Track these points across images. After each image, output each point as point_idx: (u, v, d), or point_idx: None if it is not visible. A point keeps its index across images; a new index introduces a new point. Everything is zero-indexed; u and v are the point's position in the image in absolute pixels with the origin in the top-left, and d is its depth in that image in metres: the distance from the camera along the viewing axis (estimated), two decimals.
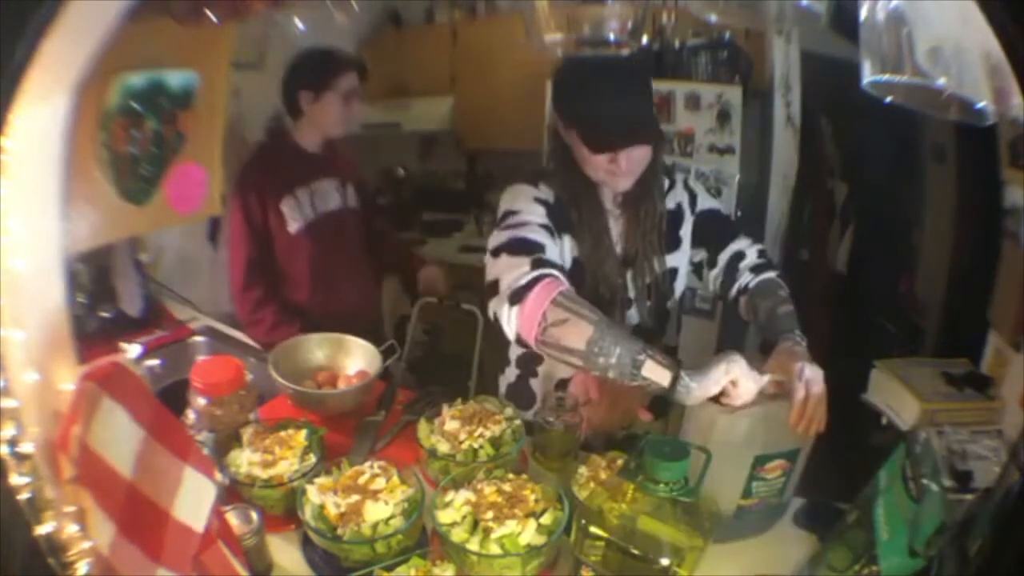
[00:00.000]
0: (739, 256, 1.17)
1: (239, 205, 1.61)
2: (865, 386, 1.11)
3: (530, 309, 0.92)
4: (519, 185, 1.15)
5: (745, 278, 1.15)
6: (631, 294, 1.18)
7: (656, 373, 0.87)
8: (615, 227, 1.18)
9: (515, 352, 1.29)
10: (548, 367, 1.24)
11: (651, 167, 1.11)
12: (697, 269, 1.24)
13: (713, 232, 1.21)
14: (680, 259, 1.21)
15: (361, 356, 1.35)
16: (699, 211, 1.21)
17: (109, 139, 1.12)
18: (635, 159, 1.05)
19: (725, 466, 0.88)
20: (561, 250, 1.11)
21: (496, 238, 1.06)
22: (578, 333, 0.89)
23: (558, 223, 1.10)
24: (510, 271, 0.97)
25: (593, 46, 0.94)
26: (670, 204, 1.20)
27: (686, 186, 1.23)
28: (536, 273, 0.95)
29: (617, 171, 1.05)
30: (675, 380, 0.86)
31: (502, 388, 1.34)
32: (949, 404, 0.95)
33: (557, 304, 0.91)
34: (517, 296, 0.94)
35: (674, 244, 1.20)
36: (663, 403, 1.22)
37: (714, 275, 1.20)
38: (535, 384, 1.27)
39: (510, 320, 0.95)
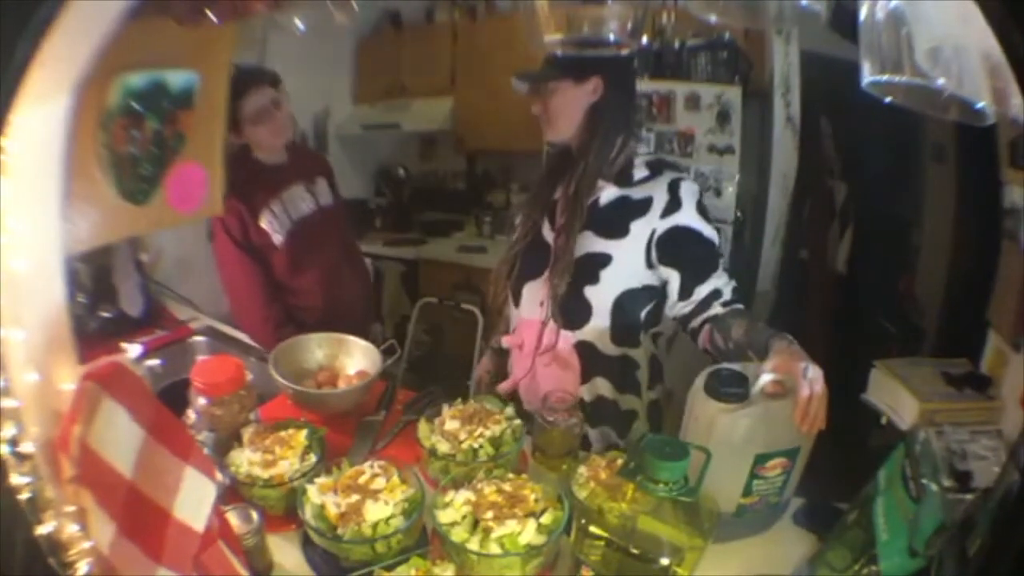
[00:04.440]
0: (716, 294, 1.13)
1: (225, 235, 1.60)
2: (865, 386, 1.11)
3: None
4: None
5: (714, 311, 1.12)
6: (553, 254, 1.22)
7: None
8: (554, 189, 1.27)
9: None
10: None
11: (586, 132, 1.18)
12: (660, 290, 1.18)
13: (693, 258, 1.14)
14: (618, 250, 1.15)
15: (361, 356, 1.35)
16: (676, 225, 1.13)
17: (109, 139, 1.11)
18: (543, 105, 1.18)
19: (726, 464, 0.88)
20: None
21: None
22: None
23: None
24: None
25: (593, 46, 0.95)
26: (639, 193, 1.15)
27: (673, 190, 1.14)
28: None
29: (537, 111, 1.20)
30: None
31: None
32: (948, 404, 0.95)
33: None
34: None
35: (619, 231, 1.15)
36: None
37: (682, 305, 1.15)
38: None
39: None
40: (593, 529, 0.76)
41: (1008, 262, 1.16)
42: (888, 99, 0.66)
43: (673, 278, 1.15)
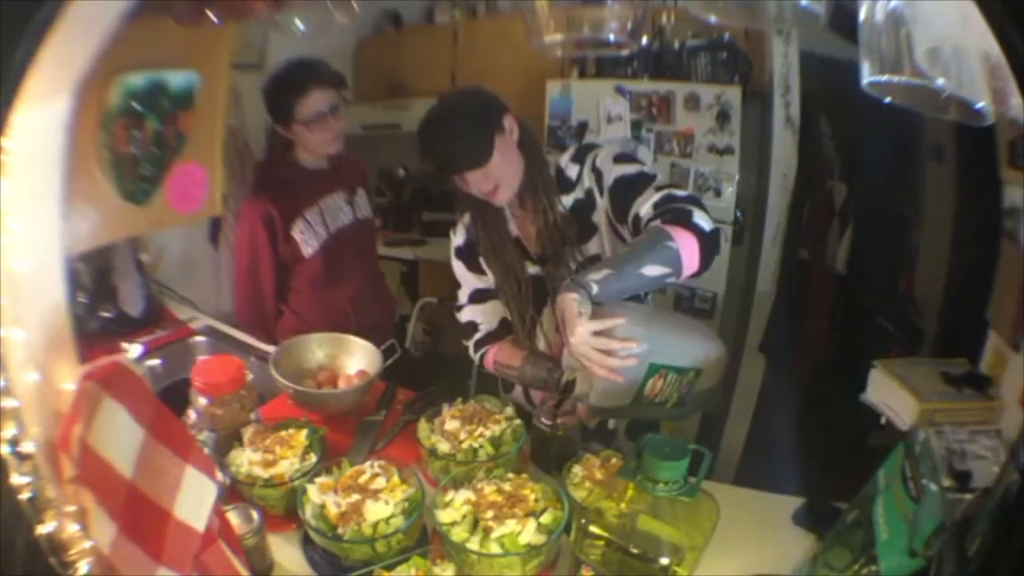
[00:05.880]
0: (637, 218, 1.07)
1: (251, 237, 1.53)
2: (864, 386, 1.11)
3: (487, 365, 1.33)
4: (452, 259, 1.33)
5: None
6: (548, 283, 1.21)
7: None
8: (518, 231, 1.24)
9: None
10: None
11: (527, 171, 1.16)
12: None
13: (625, 197, 1.11)
14: (601, 246, 1.18)
15: (361, 356, 1.35)
16: (609, 188, 1.13)
17: (110, 139, 1.11)
18: (475, 181, 1.12)
19: None
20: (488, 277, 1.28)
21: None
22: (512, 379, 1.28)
23: (474, 257, 1.28)
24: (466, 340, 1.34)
25: (593, 47, 0.95)
26: (579, 194, 1.17)
27: (593, 168, 1.15)
28: (477, 355, 1.33)
29: (487, 188, 1.13)
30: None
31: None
32: (948, 404, 0.95)
33: (495, 370, 1.31)
34: (478, 359, 1.34)
35: (590, 231, 1.18)
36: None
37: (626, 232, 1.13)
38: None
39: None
40: (593, 529, 0.76)
41: (1008, 262, 1.16)
42: (888, 99, 0.66)
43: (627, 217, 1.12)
